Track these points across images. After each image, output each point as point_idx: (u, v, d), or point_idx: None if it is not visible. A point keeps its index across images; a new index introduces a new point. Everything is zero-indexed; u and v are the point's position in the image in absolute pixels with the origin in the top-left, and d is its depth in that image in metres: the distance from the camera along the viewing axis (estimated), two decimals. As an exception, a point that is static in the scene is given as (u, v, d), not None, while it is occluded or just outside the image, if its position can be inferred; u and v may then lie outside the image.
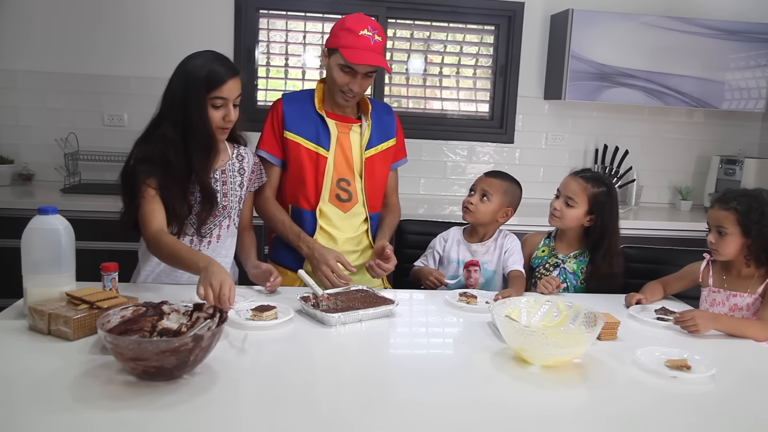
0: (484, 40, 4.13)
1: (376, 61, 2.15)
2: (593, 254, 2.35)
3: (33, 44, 3.67)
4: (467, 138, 4.12)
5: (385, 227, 2.39)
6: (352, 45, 2.14)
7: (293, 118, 2.28)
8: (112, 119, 3.76)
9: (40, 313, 1.60)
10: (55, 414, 1.23)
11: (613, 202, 2.36)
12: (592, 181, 2.34)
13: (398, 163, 2.50)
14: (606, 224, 2.33)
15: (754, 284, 2.08)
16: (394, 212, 2.50)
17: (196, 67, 1.97)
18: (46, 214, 1.69)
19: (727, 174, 4.05)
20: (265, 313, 1.78)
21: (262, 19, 3.90)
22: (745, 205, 2.03)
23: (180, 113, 1.97)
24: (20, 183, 3.68)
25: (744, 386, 1.57)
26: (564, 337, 1.61)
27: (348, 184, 2.31)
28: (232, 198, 2.16)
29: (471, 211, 2.34)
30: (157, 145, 1.98)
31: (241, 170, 2.20)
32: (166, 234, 1.96)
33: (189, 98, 1.96)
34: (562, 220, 2.35)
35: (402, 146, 2.50)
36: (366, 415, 1.31)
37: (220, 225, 2.14)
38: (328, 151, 2.27)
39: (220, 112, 1.99)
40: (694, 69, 3.82)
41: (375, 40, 2.15)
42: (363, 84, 2.21)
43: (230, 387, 1.39)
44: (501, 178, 2.38)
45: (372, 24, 2.17)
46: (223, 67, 1.98)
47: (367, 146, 2.32)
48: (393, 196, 2.53)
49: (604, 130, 4.19)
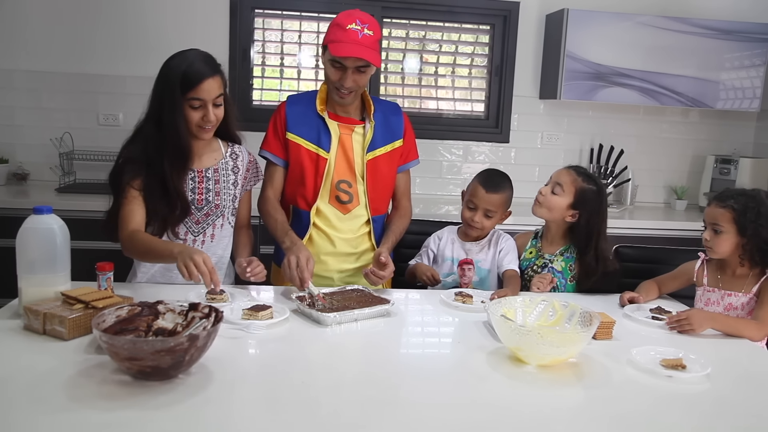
0: (479, 40, 4.13)
1: (359, 53, 2.08)
2: (582, 255, 2.31)
3: (28, 44, 3.66)
4: (463, 137, 4.12)
5: (390, 233, 2.31)
6: (338, 39, 2.10)
7: (295, 120, 2.25)
8: (108, 119, 3.75)
9: (35, 312, 1.59)
10: (50, 414, 1.22)
11: (602, 203, 2.32)
12: (583, 176, 2.32)
13: (409, 164, 2.44)
14: (592, 225, 2.28)
15: (749, 284, 2.09)
16: (404, 216, 2.42)
17: (172, 67, 1.97)
18: (41, 213, 1.68)
19: (722, 173, 4.06)
20: (261, 313, 1.77)
21: (258, 19, 3.89)
22: (741, 204, 2.04)
23: (158, 113, 1.98)
24: (15, 182, 3.67)
25: (739, 386, 1.57)
26: (559, 336, 1.62)
27: (349, 186, 2.27)
28: (225, 197, 2.16)
29: (477, 228, 2.33)
30: (141, 145, 2.01)
31: (235, 169, 2.19)
32: (140, 232, 1.99)
33: (164, 99, 1.96)
34: (544, 206, 2.31)
35: (412, 147, 2.43)
36: (362, 414, 1.31)
37: (214, 224, 2.14)
38: (328, 152, 2.23)
39: (199, 112, 1.98)
40: (689, 69, 3.83)
41: (364, 34, 2.09)
42: (357, 80, 2.14)
43: (226, 387, 1.38)
44: (499, 191, 2.31)
45: (362, 18, 2.12)
46: (200, 67, 1.96)
47: (369, 148, 2.27)
48: (404, 198, 2.46)
49: (599, 129, 4.20)
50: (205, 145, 2.13)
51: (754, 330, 1.92)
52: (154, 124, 1.99)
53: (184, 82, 1.93)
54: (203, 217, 2.12)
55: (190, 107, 1.97)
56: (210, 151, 2.16)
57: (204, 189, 2.12)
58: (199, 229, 2.12)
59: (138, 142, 2.03)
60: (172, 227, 2.07)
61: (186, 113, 1.97)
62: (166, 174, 2.00)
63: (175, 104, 1.95)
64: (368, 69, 2.15)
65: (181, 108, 1.96)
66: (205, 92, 1.96)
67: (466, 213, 2.35)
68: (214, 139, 2.17)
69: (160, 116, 1.98)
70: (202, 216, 2.12)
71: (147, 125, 2.01)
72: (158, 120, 1.98)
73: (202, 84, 1.95)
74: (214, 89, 1.98)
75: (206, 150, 2.15)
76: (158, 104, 1.98)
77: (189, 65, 1.95)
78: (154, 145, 1.99)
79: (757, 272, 2.08)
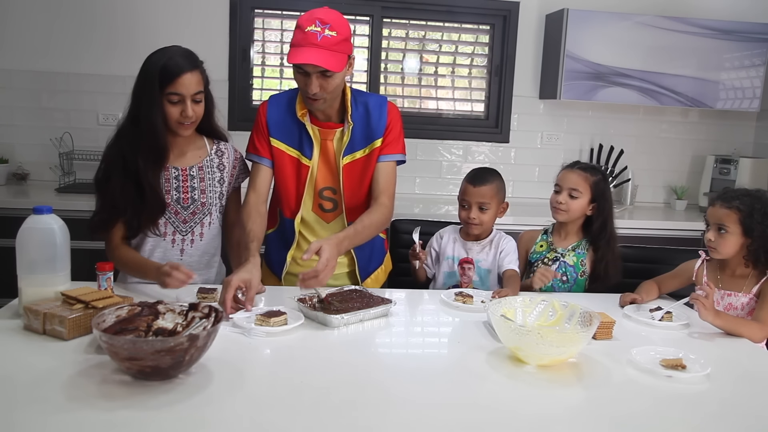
0: (479, 40, 4.13)
1: (313, 59, 1.89)
2: (597, 242, 2.38)
3: (28, 43, 3.66)
4: (462, 137, 4.12)
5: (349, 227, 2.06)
6: (296, 43, 1.93)
7: (277, 125, 2.14)
8: (107, 119, 3.74)
9: (35, 312, 1.59)
10: (50, 414, 1.22)
11: (608, 187, 2.43)
12: (590, 171, 2.39)
13: (388, 156, 2.17)
14: (606, 210, 2.38)
15: (749, 284, 2.08)
16: (375, 212, 2.12)
17: (152, 63, 1.96)
18: (41, 213, 1.68)
19: (722, 173, 4.06)
20: (273, 319, 1.71)
21: (257, 19, 3.89)
22: (748, 205, 2.03)
23: (136, 109, 1.98)
24: (15, 182, 3.67)
25: (739, 386, 1.57)
26: (559, 336, 1.61)
27: (334, 192, 2.18)
28: (210, 194, 2.14)
29: (476, 224, 2.33)
30: (117, 142, 2.01)
31: (221, 166, 2.18)
32: (122, 248, 2.05)
33: (143, 94, 1.96)
34: (569, 212, 2.36)
35: (394, 141, 2.17)
36: (361, 414, 1.31)
37: (201, 222, 2.13)
38: (310, 159, 2.13)
39: (177, 107, 1.97)
40: (689, 69, 3.83)
41: (324, 36, 1.90)
42: (323, 85, 1.96)
43: (226, 387, 1.38)
44: (486, 183, 2.32)
45: (323, 17, 1.92)
46: (179, 61, 1.95)
47: (346, 152, 2.12)
48: (383, 195, 2.16)
49: (599, 129, 4.19)
50: (188, 143, 2.12)
51: (756, 331, 1.92)
52: (133, 121, 1.99)
53: (162, 76, 1.92)
54: (190, 215, 2.11)
55: (168, 102, 1.95)
56: (194, 148, 2.15)
57: (189, 187, 2.11)
58: (186, 228, 2.11)
59: (114, 140, 2.03)
60: (148, 226, 2.05)
61: (165, 109, 1.96)
62: (141, 171, 1.98)
63: (154, 99, 1.94)
64: (334, 73, 1.96)
65: (160, 103, 1.95)
66: (184, 87, 1.94)
67: (462, 213, 2.36)
68: (199, 137, 2.16)
69: (138, 112, 1.97)
70: (189, 215, 2.11)
71: (126, 123, 2.01)
72: (136, 117, 1.97)
73: (181, 78, 1.93)
74: (192, 84, 1.96)
75: (190, 148, 2.13)
76: (137, 100, 1.98)
77: (168, 59, 1.94)
78: (129, 141, 1.98)
79: (757, 272, 2.08)
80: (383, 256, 2.42)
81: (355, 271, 2.28)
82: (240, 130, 2.25)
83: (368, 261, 2.33)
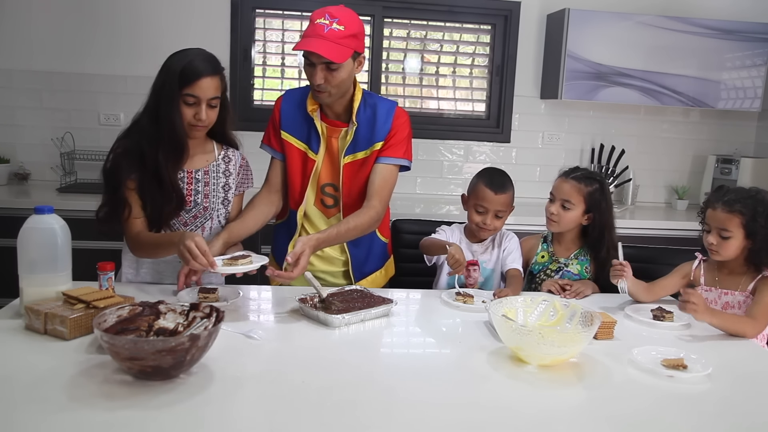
0: (480, 40, 4.13)
1: (315, 48, 1.94)
2: (596, 252, 2.36)
3: (29, 43, 3.66)
4: (464, 137, 4.12)
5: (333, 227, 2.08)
6: (305, 34, 2.01)
7: (288, 118, 2.22)
8: (108, 118, 3.75)
9: (37, 312, 1.59)
10: (51, 414, 1.22)
11: (607, 196, 2.37)
12: (584, 180, 2.33)
13: (387, 159, 2.17)
14: (603, 220, 2.34)
15: (745, 282, 2.08)
16: (363, 214, 2.12)
17: (175, 61, 1.98)
18: (43, 213, 1.68)
19: (723, 173, 4.06)
20: (240, 261, 1.89)
21: (259, 19, 3.89)
22: (750, 209, 2.01)
23: (156, 106, 1.99)
24: (16, 182, 3.67)
25: (740, 386, 1.57)
26: (560, 336, 1.61)
27: (335, 189, 2.22)
28: (213, 199, 2.15)
29: (490, 230, 2.32)
30: (135, 138, 2.01)
31: (227, 172, 2.18)
32: (144, 233, 2.04)
33: (162, 92, 1.97)
34: (560, 224, 2.34)
35: (396, 144, 2.18)
36: (362, 414, 1.31)
37: (203, 227, 2.14)
38: (316, 154, 2.19)
39: (192, 109, 1.99)
40: (690, 68, 3.83)
41: (331, 29, 1.97)
42: (327, 77, 2.01)
43: (227, 386, 1.38)
44: (507, 191, 2.29)
45: (333, 12, 2.00)
46: (200, 64, 1.97)
47: (348, 151, 2.16)
48: (375, 198, 2.15)
49: (600, 129, 4.19)
50: (197, 146, 2.13)
51: (749, 327, 1.91)
52: (151, 118, 2.00)
53: (182, 76, 1.94)
54: (191, 219, 2.11)
55: (184, 103, 1.97)
56: (203, 152, 2.15)
57: (193, 190, 2.11)
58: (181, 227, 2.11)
59: (133, 135, 2.03)
60: (167, 220, 2.07)
61: (180, 109, 1.97)
62: (161, 166, 2.00)
63: (172, 98, 1.96)
64: (339, 66, 2.00)
65: (177, 103, 1.96)
66: (201, 90, 1.96)
67: (477, 217, 2.31)
68: (209, 141, 2.17)
69: (157, 109, 1.98)
70: (191, 218, 2.11)
71: (143, 118, 2.02)
72: (155, 113, 1.99)
73: (199, 81, 1.95)
74: (210, 89, 1.98)
75: (198, 151, 2.14)
76: (156, 97, 1.99)
77: (190, 62, 1.96)
78: (149, 138, 1.99)
79: (752, 270, 2.08)
80: (384, 260, 2.41)
81: (349, 271, 2.29)
82: (241, 130, 2.25)
83: (364, 261, 2.32)
